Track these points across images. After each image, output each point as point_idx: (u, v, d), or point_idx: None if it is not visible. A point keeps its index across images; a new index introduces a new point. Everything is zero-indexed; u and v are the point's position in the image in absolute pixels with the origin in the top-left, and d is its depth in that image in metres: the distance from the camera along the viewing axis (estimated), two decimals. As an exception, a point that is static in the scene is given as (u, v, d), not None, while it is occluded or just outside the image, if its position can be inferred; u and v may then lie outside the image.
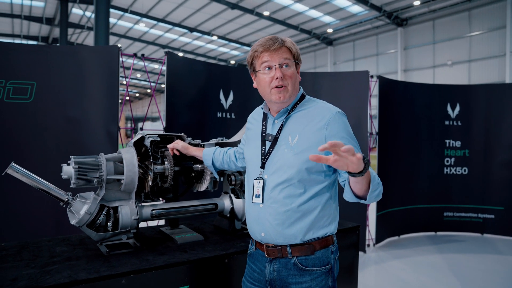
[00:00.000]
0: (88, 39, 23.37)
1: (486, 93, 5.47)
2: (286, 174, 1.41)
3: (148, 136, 2.00)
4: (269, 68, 1.43)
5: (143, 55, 3.97)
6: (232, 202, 2.26)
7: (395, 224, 5.36)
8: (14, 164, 1.65)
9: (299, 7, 17.83)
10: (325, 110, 1.43)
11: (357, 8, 17.70)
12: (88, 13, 18.32)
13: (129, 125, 25.73)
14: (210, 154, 1.96)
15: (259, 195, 1.45)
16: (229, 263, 1.89)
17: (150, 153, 1.97)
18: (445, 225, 5.60)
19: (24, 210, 3.23)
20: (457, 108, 5.46)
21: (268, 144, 1.50)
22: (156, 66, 27.21)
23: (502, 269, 4.32)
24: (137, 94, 41.56)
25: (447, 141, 5.51)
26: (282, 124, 1.48)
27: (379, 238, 5.09)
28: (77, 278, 1.50)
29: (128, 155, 1.87)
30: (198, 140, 2.22)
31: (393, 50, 19.32)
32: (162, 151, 2.08)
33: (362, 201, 1.31)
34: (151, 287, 1.66)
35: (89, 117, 3.46)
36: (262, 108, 1.61)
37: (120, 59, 3.53)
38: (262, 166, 1.48)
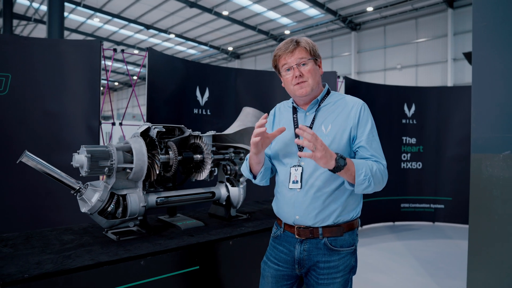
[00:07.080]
0: (36, 31, 21.97)
1: (437, 94, 6.04)
2: None
3: (154, 127, 2.09)
4: (289, 69, 1.58)
5: (122, 50, 3.96)
6: (228, 191, 2.41)
7: (358, 215, 5.73)
8: (28, 153, 1.68)
9: (258, 8, 18.08)
10: (354, 101, 1.61)
11: (313, 11, 18.30)
12: (35, 4, 17.30)
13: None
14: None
15: (297, 181, 1.55)
16: (234, 245, 2.03)
17: (156, 143, 2.05)
18: (402, 215, 6.11)
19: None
20: (413, 108, 5.97)
21: None
22: (135, 58, 26.22)
23: (451, 251, 4.83)
24: (116, 83, 38.59)
25: (404, 138, 6.00)
26: (314, 116, 1.61)
27: (344, 228, 5.43)
28: (100, 260, 1.58)
29: (137, 144, 1.95)
30: (197, 132, 2.33)
31: (347, 53, 20.19)
32: (165, 142, 2.17)
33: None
34: (166, 267, 1.77)
35: (69, 111, 3.42)
36: (292, 103, 1.70)
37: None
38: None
